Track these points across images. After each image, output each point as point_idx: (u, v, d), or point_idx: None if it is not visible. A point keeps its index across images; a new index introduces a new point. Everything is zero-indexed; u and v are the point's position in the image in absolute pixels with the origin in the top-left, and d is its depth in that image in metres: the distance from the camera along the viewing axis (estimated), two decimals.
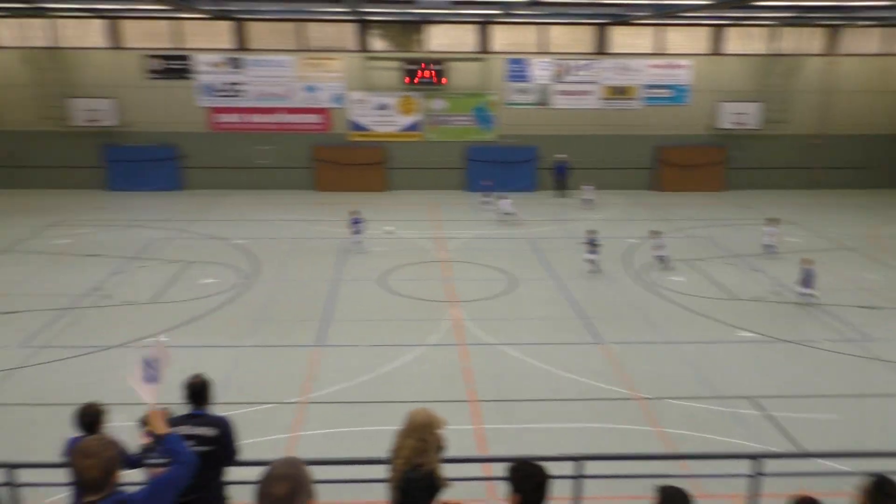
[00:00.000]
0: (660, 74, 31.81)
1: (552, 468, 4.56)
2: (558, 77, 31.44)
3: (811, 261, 17.64)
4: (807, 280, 17.38)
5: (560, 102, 31.69)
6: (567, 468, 6.39)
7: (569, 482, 6.37)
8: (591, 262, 19.60)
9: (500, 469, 8.80)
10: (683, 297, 18.11)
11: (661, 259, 20.43)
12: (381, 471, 5.93)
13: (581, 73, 31.50)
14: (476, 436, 11.44)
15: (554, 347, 14.96)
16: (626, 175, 32.38)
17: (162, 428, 4.88)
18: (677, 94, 31.98)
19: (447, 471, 5.69)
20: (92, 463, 3.65)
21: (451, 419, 11.60)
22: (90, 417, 6.68)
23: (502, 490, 4.33)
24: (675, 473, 9.55)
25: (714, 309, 17.31)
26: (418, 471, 5.17)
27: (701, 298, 18.07)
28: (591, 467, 8.01)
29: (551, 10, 27.61)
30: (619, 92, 31.80)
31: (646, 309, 17.38)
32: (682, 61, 31.76)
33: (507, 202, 25.76)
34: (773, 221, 22.22)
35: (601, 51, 31.56)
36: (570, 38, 31.63)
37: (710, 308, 17.39)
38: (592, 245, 19.55)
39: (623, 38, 31.73)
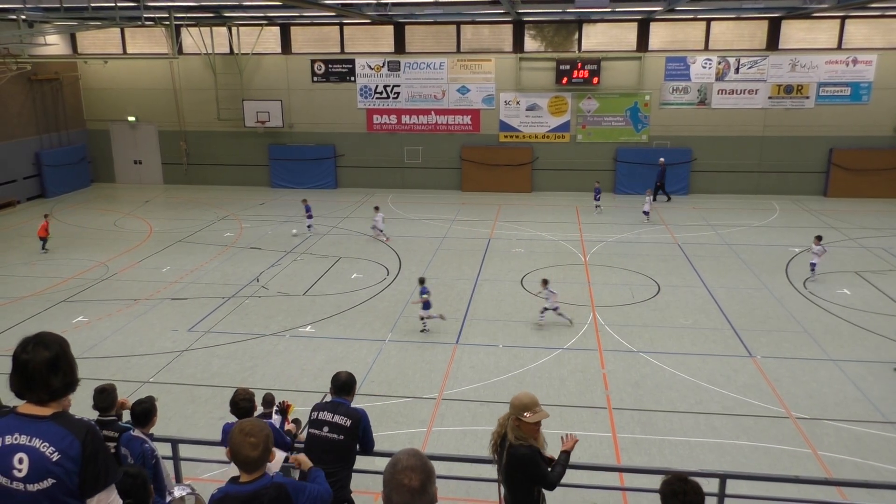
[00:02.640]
0: (838, 71, 29.40)
1: None
2: (720, 75, 29.90)
3: None
4: None
5: (720, 102, 30.11)
6: (709, 485, 6.00)
7: (711, 500, 5.96)
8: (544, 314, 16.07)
9: (636, 480, 8.60)
10: (850, 312, 16.62)
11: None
12: None
13: (747, 70, 29.75)
14: (612, 444, 11.09)
15: (699, 358, 14.22)
16: (793, 179, 30.24)
17: (307, 464, 5.22)
18: (857, 92, 29.40)
19: (584, 477, 5.66)
20: (251, 442, 3.83)
21: (586, 425, 11.48)
22: (246, 403, 7.04)
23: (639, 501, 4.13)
24: (833, 500, 8.86)
25: (887, 326, 15.74)
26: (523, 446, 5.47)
27: (871, 314, 16.50)
28: (736, 486, 7.53)
29: (720, 5, 26.21)
30: (790, 90, 29.72)
31: (806, 322, 16.10)
32: (866, 56, 29.16)
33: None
34: None
35: (772, 46, 29.62)
36: (737, 33, 29.94)
37: (881, 325, 15.83)
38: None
39: (797, 33, 29.61)
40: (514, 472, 5.55)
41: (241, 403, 7.01)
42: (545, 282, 16.30)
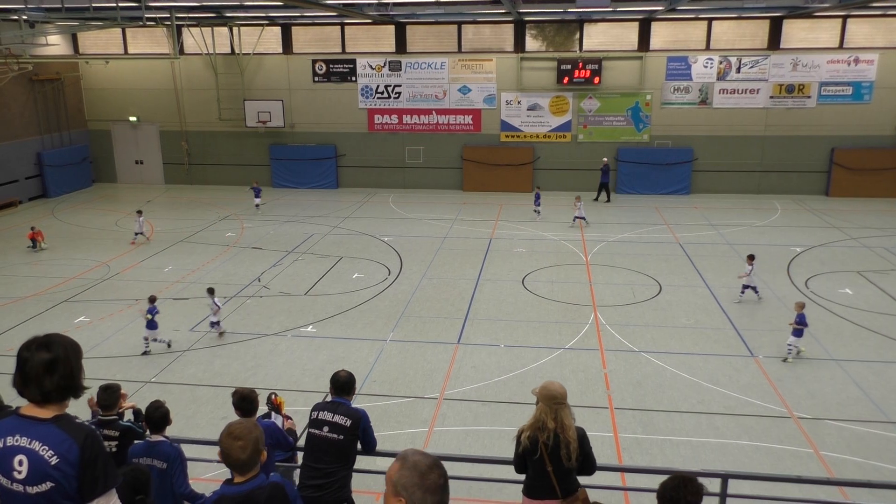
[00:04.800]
0: (839, 70, 29.36)
1: None
2: (721, 75, 29.86)
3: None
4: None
5: (722, 101, 30.08)
6: (711, 485, 5.98)
7: (713, 500, 5.95)
8: None
9: (638, 480, 8.59)
10: (853, 312, 16.59)
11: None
12: (512, 471, 5.91)
13: (749, 70, 29.72)
14: (614, 444, 11.08)
15: (701, 358, 14.21)
16: (795, 178, 30.22)
17: None
18: (858, 91, 29.36)
19: (585, 476, 5.69)
20: (239, 445, 3.82)
21: (588, 425, 11.41)
22: (254, 396, 6.99)
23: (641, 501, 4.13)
24: (835, 500, 8.85)
25: (889, 325, 15.72)
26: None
27: (874, 314, 16.47)
28: (738, 486, 7.52)
29: (721, 4, 26.17)
30: (791, 90, 29.70)
31: (808, 322, 16.03)
32: (867, 56, 29.12)
33: None
34: None
35: (773, 46, 29.59)
36: (738, 33, 29.91)
37: (883, 324, 15.81)
38: None
39: (799, 32, 29.58)
40: (581, 448, 5.59)
41: (251, 396, 6.96)
42: (210, 291, 15.69)
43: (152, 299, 15.10)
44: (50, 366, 3.21)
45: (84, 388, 3.40)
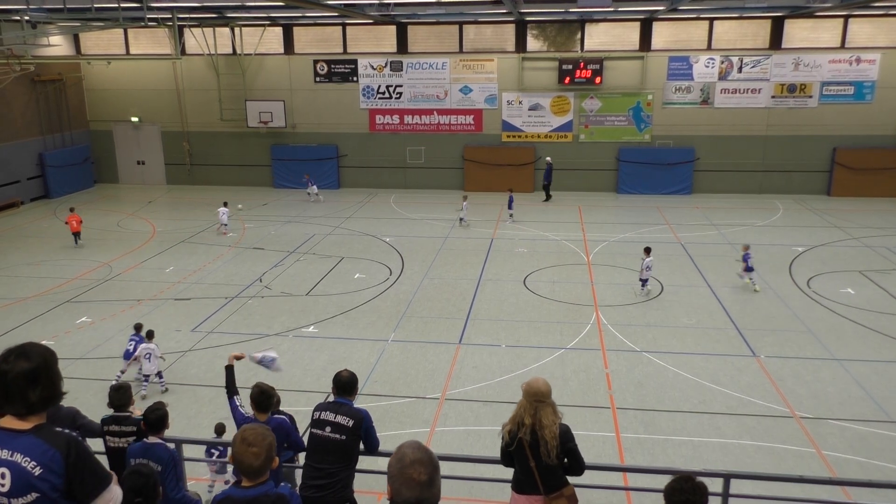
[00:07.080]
0: (841, 70, 29.33)
1: None
2: (723, 75, 29.84)
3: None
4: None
5: (723, 101, 30.06)
6: (713, 485, 5.98)
7: (715, 500, 5.93)
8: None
9: (640, 480, 8.59)
10: (855, 312, 16.57)
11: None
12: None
13: (750, 69, 29.70)
14: (615, 444, 11.08)
15: (702, 357, 14.20)
16: (797, 178, 30.19)
17: None
18: (860, 91, 29.33)
19: (587, 476, 5.71)
20: (253, 451, 3.82)
21: (590, 425, 11.46)
22: (268, 396, 7.01)
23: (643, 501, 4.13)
24: (837, 500, 8.83)
25: (891, 325, 15.71)
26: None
27: (876, 313, 16.45)
28: (740, 486, 7.51)
29: (723, 4, 26.14)
30: (793, 89, 29.68)
31: (810, 322, 16.07)
32: (869, 55, 29.09)
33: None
34: None
35: (775, 46, 29.57)
36: (740, 33, 29.90)
37: (885, 324, 15.79)
38: None
39: (800, 32, 29.56)
40: (563, 445, 5.64)
41: (270, 392, 6.98)
42: (150, 334, 13.43)
43: (140, 329, 13.68)
44: (32, 378, 3.16)
45: (63, 394, 3.37)
